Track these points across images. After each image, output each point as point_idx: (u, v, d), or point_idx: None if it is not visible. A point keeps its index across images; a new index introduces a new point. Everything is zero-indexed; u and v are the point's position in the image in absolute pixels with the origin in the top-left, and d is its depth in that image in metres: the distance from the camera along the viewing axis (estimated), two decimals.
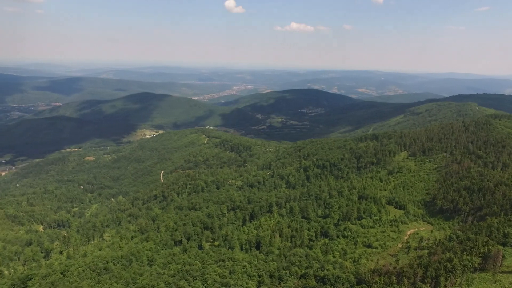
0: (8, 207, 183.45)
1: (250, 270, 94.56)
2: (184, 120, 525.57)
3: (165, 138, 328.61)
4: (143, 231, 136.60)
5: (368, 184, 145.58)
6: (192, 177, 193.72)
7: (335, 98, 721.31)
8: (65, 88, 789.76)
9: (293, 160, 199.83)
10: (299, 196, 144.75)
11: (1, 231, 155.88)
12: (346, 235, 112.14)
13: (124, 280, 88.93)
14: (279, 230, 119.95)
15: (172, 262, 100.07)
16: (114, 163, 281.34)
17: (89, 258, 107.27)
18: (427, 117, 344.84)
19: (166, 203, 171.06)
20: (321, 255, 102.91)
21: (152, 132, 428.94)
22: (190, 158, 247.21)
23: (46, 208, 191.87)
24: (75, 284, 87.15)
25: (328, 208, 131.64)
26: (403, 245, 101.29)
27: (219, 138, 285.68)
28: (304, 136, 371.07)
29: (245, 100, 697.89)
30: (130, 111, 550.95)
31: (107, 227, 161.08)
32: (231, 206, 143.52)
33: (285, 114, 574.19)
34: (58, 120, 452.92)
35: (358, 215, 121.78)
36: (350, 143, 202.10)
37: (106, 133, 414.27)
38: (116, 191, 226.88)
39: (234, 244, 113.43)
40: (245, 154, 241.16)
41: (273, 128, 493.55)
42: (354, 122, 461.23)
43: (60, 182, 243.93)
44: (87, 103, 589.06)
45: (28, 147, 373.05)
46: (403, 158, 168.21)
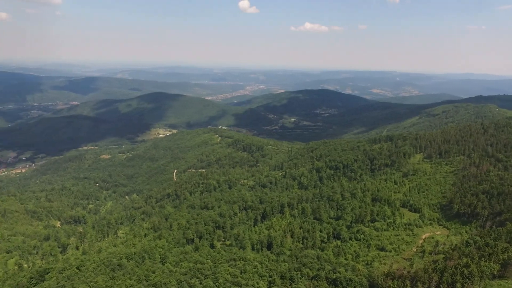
0: (28, 202, 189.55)
1: (261, 270, 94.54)
2: (197, 119, 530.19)
3: (178, 137, 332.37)
4: (156, 229, 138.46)
5: (382, 186, 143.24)
6: (205, 176, 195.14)
7: (349, 99, 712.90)
8: (82, 88, 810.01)
9: (305, 161, 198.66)
10: (311, 197, 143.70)
11: (21, 225, 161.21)
12: (359, 237, 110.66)
13: (137, 276, 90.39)
14: (290, 230, 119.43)
15: (184, 260, 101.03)
16: (129, 161, 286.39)
17: (104, 254, 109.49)
18: (443, 118, 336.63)
19: (178, 202, 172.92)
20: (333, 257, 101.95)
21: (165, 131, 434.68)
22: (203, 157, 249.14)
23: (63, 204, 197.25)
24: (90, 279, 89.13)
25: (341, 209, 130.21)
26: (418, 249, 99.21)
27: (232, 138, 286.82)
28: (317, 137, 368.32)
29: (258, 100, 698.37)
30: (145, 110, 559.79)
31: (121, 224, 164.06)
32: (243, 206, 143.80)
33: (298, 114, 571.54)
34: (75, 119, 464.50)
35: (371, 217, 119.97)
36: (363, 144, 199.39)
37: (121, 132, 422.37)
38: (130, 189, 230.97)
39: (245, 243, 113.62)
40: (257, 154, 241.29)
41: (286, 128, 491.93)
42: (368, 123, 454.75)
43: (77, 179, 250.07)
44: (103, 102, 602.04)
45: (47, 144, 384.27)
46: (419, 160, 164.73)
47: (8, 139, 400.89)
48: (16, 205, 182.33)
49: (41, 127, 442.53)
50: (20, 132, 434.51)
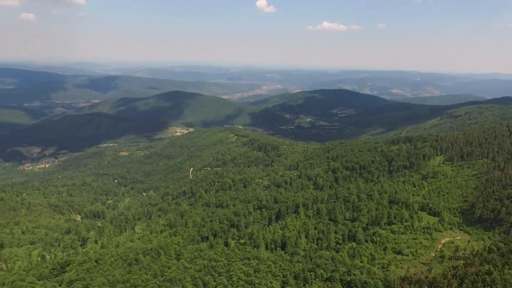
0: (50, 196, 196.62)
1: (274, 270, 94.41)
2: (213, 118, 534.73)
3: (195, 136, 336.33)
4: (171, 226, 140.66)
5: (400, 188, 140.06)
6: (220, 175, 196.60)
7: (367, 99, 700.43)
8: (103, 86, 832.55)
9: (321, 161, 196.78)
10: (327, 198, 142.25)
11: (44, 218, 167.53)
12: (375, 240, 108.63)
13: (153, 272, 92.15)
14: (305, 231, 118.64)
15: (198, 257, 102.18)
16: (146, 158, 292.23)
17: (121, 249, 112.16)
18: (466, 120, 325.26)
19: (194, 200, 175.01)
20: (348, 259, 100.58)
21: (182, 129, 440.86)
22: (219, 156, 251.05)
23: (84, 199, 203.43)
24: (108, 273, 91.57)
25: (357, 211, 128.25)
26: (437, 254, 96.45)
27: (247, 137, 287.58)
28: (333, 137, 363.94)
29: (274, 99, 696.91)
30: (162, 108, 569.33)
31: (138, 220, 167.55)
32: (258, 205, 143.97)
33: (314, 114, 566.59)
34: (96, 117, 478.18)
35: (388, 220, 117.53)
36: (381, 145, 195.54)
37: (139, 130, 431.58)
38: (148, 186, 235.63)
39: (259, 243, 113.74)
40: (272, 154, 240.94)
41: (302, 128, 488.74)
42: (387, 124, 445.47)
43: (97, 175, 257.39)
44: (122, 101, 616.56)
45: (69, 141, 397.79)
46: (439, 162, 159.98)
47: (34, 135, 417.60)
48: (40, 199, 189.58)
49: (64, 124, 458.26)
50: (45, 128, 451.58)
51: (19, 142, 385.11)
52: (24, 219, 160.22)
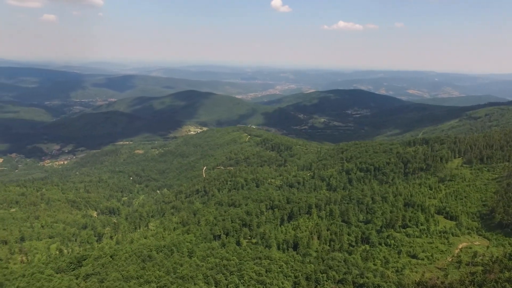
0: (68, 192, 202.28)
1: (286, 270, 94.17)
2: (227, 118, 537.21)
3: (208, 135, 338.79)
4: (184, 224, 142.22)
5: (416, 191, 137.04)
6: (233, 174, 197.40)
7: (383, 100, 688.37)
8: (119, 85, 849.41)
9: (335, 162, 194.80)
10: (340, 199, 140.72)
11: (62, 213, 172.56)
12: (389, 243, 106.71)
13: (165, 268, 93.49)
14: (317, 232, 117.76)
15: (210, 255, 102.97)
16: (161, 157, 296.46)
17: (135, 245, 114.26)
18: (486, 122, 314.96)
19: (207, 198, 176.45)
20: (361, 261, 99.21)
21: (196, 128, 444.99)
22: (232, 155, 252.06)
23: (100, 196, 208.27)
24: (122, 268, 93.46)
25: (371, 213, 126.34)
26: (454, 259, 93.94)
27: (260, 137, 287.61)
28: (347, 138, 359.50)
29: (288, 99, 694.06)
30: (177, 107, 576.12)
31: (152, 217, 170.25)
32: (270, 205, 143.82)
33: (328, 114, 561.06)
34: (113, 115, 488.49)
35: (403, 223, 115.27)
36: (397, 147, 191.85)
37: (154, 128, 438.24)
38: (162, 184, 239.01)
39: (271, 243, 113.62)
40: (285, 154, 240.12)
41: (315, 128, 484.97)
42: (403, 125, 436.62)
43: (113, 172, 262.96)
44: (138, 100, 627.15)
45: (87, 138, 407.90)
46: (457, 165, 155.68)
47: (53, 132, 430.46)
48: (59, 194, 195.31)
49: (82, 122, 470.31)
50: (64, 126, 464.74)
51: (40, 139, 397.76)
52: (43, 213, 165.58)
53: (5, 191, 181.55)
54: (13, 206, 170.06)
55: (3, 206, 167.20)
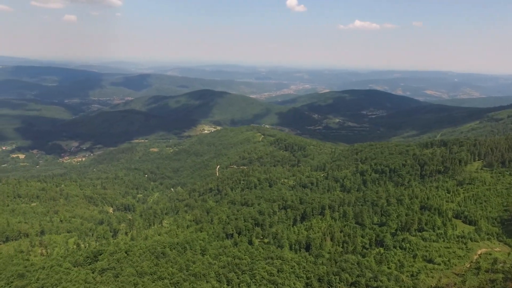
0: (86, 188, 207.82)
1: (298, 271, 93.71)
2: (241, 117, 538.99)
3: (222, 134, 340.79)
4: (197, 222, 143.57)
5: (433, 194, 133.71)
6: (246, 173, 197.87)
7: (399, 100, 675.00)
8: (136, 84, 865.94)
9: (349, 163, 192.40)
10: (354, 201, 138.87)
11: (80, 209, 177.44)
12: (404, 246, 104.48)
13: (178, 265, 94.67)
14: (330, 233, 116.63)
15: (223, 254, 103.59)
16: (175, 155, 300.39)
17: (149, 242, 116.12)
18: (509, 124, 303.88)
19: (220, 197, 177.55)
20: (375, 264, 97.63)
21: (210, 127, 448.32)
22: (245, 154, 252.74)
23: (116, 192, 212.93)
24: (137, 264, 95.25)
25: (385, 216, 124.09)
26: (472, 265, 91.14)
27: (274, 137, 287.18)
28: (362, 139, 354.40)
29: (302, 99, 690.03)
30: (192, 107, 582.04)
31: (166, 214, 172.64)
32: (283, 205, 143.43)
33: (343, 115, 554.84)
34: (129, 113, 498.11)
35: (419, 226, 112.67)
36: (413, 148, 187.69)
37: (169, 127, 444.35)
38: (176, 182, 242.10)
39: (283, 243, 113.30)
40: (299, 154, 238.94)
41: (330, 129, 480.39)
42: (420, 127, 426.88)
43: (128, 169, 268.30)
44: (154, 98, 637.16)
45: (104, 136, 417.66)
46: (477, 168, 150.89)
47: (73, 130, 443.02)
48: (77, 190, 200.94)
49: (100, 120, 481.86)
50: (82, 124, 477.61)
51: (60, 136, 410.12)
52: (62, 208, 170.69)
53: (27, 186, 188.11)
54: (34, 200, 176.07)
55: (25, 200, 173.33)
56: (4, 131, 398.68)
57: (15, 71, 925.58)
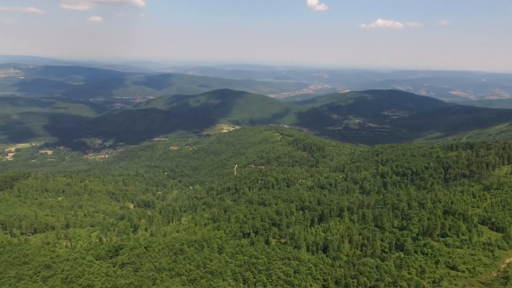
0: (108, 184, 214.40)
1: (315, 273, 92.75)
2: (260, 117, 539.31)
3: (241, 133, 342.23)
4: (215, 220, 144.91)
5: (457, 198, 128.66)
6: (264, 173, 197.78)
7: (423, 101, 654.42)
8: (157, 83, 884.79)
9: (369, 164, 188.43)
10: (374, 203, 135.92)
11: (102, 204, 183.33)
12: (426, 251, 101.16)
13: (196, 263, 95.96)
14: (348, 236, 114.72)
15: (239, 253, 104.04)
16: (194, 153, 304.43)
17: (168, 238, 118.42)
18: None
19: (237, 196, 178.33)
20: (395, 269, 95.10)
21: (229, 127, 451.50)
22: (263, 154, 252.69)
23: (137, 189, 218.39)
24: (155, 260, 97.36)
25: (406, 219, 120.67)
26: (499, 274, 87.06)
27: (292, 137, 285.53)
28: (383, 140, 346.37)
29: (322, 99, 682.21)
30: (211, 106, 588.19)
31: (184, 212, 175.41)
32: (300, 205, 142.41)
33: (363, 115, 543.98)
34: (150, 112, 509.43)
35: (442, 231, 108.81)
36: (437, 151, 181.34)
37: (189, 126, 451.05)
38: (194, 180, 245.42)
39: (300, 244, 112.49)
40: (317, 155, 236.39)
41: (350, 129, 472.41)
42: (444, 129, 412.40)
43: (149, 167, 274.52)
44: (175, 97, 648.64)
45: (126, 134, 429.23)
46: (506, 173, 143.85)
47: (97, 128, 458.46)
48: (100, 186, 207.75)
49: (122, 118, 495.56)
50: (105, 122, 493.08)
51: (84, 133, 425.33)
52: (86, 203, 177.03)
53: (53, 181, 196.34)
54: (60, 195, 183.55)
55: (52, 195, 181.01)
56: (33, 128, 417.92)
57: (44, 70, 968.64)
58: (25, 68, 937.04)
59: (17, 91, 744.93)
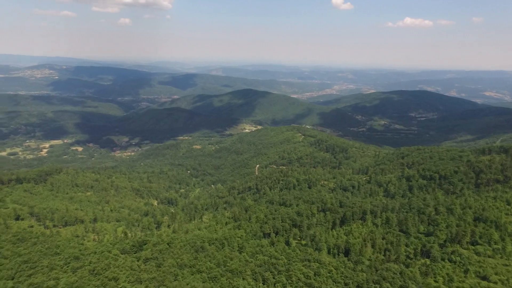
0: (134, 181, 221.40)
1: (336, 276, 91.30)
2: (282, 117, 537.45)
3: (262, 133, 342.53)
4: (236, 219, 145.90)
5: (489, 205, 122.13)
6: (285, 173, 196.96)
7: (453, 102, 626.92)
8: (182, 83, 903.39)
9: (394, 167, 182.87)
10: (398, 207, 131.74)
11: (128, 200, 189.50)
12: (454, 259, 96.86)
13: (216, 260, 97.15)
14: (371, 240, 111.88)
15: (259, 252, 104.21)
16: (216, 153, 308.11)
17: (190, 235, 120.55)
18: None
19: (258, 196, 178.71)
20: (420, 276, 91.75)
21: (251, 126, 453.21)
22: (285, 154, 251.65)
23: (160, 186, 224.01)
24: (177, 256, 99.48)
25: (433, 225, 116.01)
26: None
27: (315, 137, 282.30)
28: (409, 143, 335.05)
29: (346, 100, 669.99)
30: (234, 106, 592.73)
31: (206, 210, 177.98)
32: (322, 207, 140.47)
33: (389, 117, 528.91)
34: (175, 111, 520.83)
35: (472, 239, 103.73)
36: (468, 154, 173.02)
37: (212, 125, 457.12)
38: (216, 179, 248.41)
39: (321, 246, 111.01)
40: (340, 156, 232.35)
41: (374, 131, 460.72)
42: (476, 131, 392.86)
43: (172, 165, 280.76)
44: (199, 97, 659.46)
45: (151, 132, 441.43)
46: None
47: (124, 126, 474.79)
48: (125, 183, 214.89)
49: (148, 117, 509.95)
50: (132, 120, 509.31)
51: (112, 131, 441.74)
52: (112, 199, 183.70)
53: (83, 177, 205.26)
54: (88, 190, 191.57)
55: (81, 189, 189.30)
56: (66, 126, 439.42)
57: (76, 71, 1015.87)
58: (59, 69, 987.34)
59: (51, 91, 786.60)
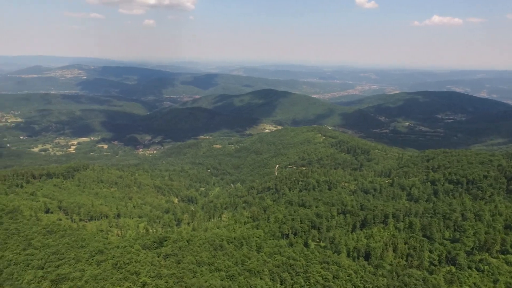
0: (155, 179, 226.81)
1: (355, 280, 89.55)
2: (303, 117, 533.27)
3: (282, 133, 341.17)
4: (254, 219, 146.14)
5: None
6: (305, 174, 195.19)
7: (483, 104, 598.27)
8: (204, 83, 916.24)
9: (418, 170, 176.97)
10: (422, 212, 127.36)
11: (150, 197, 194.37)
12: (482, 268, 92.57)
13: (234, 259, 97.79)
14: (393, 244, 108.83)
15: (277, 253, 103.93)
16: (236, 152, 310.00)
17: (209, 234, 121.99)
18: None
19: (277, 196, 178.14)
20: (444, 284, 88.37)
21: (271, 126, 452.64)
22: (305, 155, 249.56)
23: (181, 184, 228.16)
24: (196, 253, 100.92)
25: (460, 231, 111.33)
26: None
27: (336, 138, 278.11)
28: (435, 145, 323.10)
29: (369, 100, 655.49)
30: (255, 106, 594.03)
31: (225, 209, 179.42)
32: (342, 209, 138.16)
33: (414, 118, 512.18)
34: (196, 111, 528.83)
35: (502, 247, 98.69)
36: (499, 158, 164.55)
37: (232, 125, 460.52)
38: (236, 178, 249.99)
39: (341, 248, 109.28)
40: (362, 158, 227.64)
41: (398, 133, 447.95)
42: (508, 134, 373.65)
43: (193, 164, 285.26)
44: (220, 97, 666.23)
45: (173, 131, 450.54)
46: None
47: (146, 125, 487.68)
48: (148, 180, 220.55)
49: (170, 116, 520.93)
50: (155, 119, 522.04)
51: (136, 130, 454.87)
52: (135, 195, 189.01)
53: (108, 173, 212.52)
54: (113, 186, 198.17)
55: (106, 186, 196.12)
56: (93, 124, 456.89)
57: (103, 71, 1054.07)
58: (87, 69, 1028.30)
59: (80, 90, 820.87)
